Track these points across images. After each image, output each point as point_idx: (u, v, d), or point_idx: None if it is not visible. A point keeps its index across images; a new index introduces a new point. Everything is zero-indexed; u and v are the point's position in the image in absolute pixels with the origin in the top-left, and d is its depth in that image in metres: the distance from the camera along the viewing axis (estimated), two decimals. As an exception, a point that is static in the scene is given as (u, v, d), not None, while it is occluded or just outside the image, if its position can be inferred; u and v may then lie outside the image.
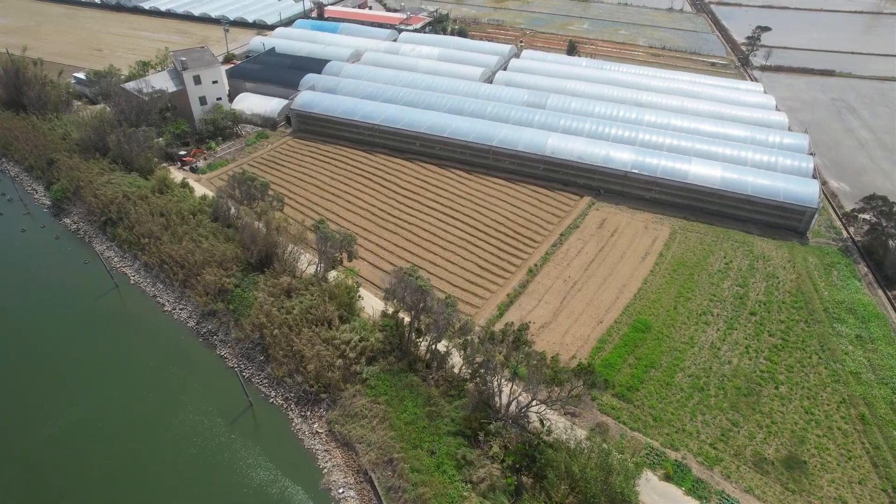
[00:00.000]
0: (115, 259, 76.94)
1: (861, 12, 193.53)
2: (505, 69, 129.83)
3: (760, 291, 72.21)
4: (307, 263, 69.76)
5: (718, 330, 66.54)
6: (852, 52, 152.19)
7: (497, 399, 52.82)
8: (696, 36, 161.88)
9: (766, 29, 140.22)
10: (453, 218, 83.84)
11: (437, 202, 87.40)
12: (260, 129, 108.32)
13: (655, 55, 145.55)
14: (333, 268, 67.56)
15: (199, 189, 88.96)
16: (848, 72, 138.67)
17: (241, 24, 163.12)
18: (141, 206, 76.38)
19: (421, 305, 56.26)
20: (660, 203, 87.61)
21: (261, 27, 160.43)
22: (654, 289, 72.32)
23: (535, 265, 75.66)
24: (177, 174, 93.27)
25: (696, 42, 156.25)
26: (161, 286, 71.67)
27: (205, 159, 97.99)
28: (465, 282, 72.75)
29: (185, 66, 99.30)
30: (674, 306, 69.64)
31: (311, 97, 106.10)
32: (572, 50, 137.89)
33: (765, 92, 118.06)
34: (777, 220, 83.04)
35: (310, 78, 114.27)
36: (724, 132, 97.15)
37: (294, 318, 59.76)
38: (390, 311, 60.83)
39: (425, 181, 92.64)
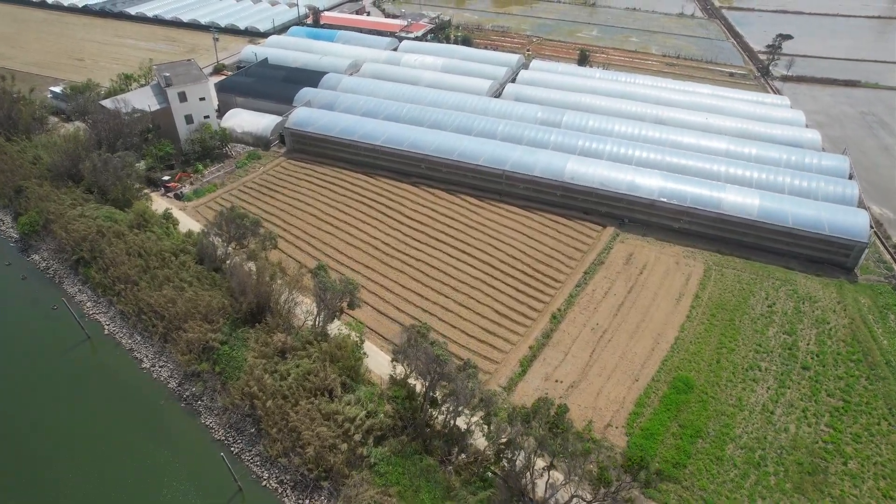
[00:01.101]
0: (89, 304, 68.66)
1: (878, 17, 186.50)
2: (514, 81, 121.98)
3: (811, 340, 64.58)
4: (305, 313, 61.68)
5: (769, 388, 58.88)
6: (874, 61, 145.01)
7: (530, 492, 44.97)
8: (710, 43, 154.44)
9: (788, 37, 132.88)
10: (465, 253, 75.91)
11: (446, 234, 79.45)
12: (252, 148, 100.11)
13: (670, 64, 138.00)
14: (335, 318, 59.51)
15: (185, 220, 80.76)
16: (874, 82, 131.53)
17: (232, 31, 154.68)
18: (116, 245, 68.14)
19: (437, 372, 48.35)
20: (690, 234, 79.95)
21: (253, 34, 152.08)
22: (693, 338, 64.62)
23: (559, 310, 67.82)
24: (160, 202, 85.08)
25: (711, 50, 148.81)
26: (139, 338, 63.46)
27: (191, 184, 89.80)
28: (481, 331, 64.86)
29: (170, 83, 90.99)
30: (716, 359, 61.97)
31: (307, 114, 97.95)
32: (584, 60, 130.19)
33: (791, 106, 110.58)
34: (821, 255, 75.49)
35: (305, 92, 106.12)
36: (756, 154, 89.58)
37: (290, 385, 51.73)
38: (400, 375, 52.89)
39: (432, 209, 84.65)
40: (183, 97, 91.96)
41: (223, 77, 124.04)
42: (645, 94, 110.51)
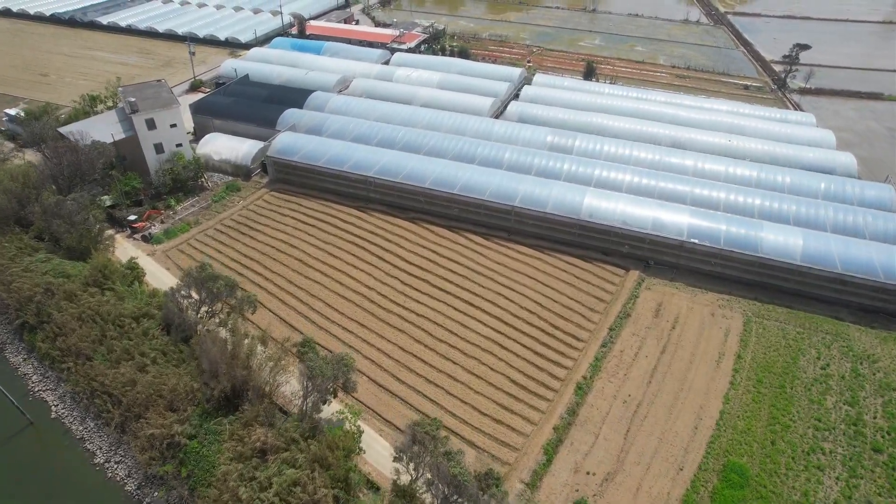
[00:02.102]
0: (34, 378, 58.63)
1: (889, 22, 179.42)
2: (517, 97, 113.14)
3: (877, 412, 55.98)
4: (291, 394, 52.11)
5: (838, 479, 50.14)
6: (894, 71, 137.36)
7: None
8: (719, 53, 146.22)
9: (805, 47, 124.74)
10: (473, 306, 66.61)
11: (450, 281, 70.12)
12: (230, 178, 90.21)
13: (681, 76, 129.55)
14: (326, 402, 49.98)
15: (153, 269, 70.90)
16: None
17: (211, 42, 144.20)
18: (67, 309, 58.13)
19: (454, 491, 39.07)
20: (724, 278, 71.17)
21: (234, 46, 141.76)
22: (741, 411, 55.79)
23: (585, 378, 58.72)
24: (124, 246, 75.15)
25: (721, 60, 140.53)
26: (92, 425, 53.58)
27: (162, 222, 79.84)
28: (496, 407, 55.60)
29: (136, 109, 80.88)
30: (770, 440, 53.17)
31: (292, 140, 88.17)
32: (590, 73, 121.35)
33: (817, 125, 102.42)
34: (874, 303, 66.95)
35: (290, 114, 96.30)
36: (790, 183, 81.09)
37: (271, 501, 42.12)
38: (404, 482, 43.59)
39: (433, 251, 75.26)
40: (151, 124, 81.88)
41: (201, 94, 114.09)
42: (659, 113, 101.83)
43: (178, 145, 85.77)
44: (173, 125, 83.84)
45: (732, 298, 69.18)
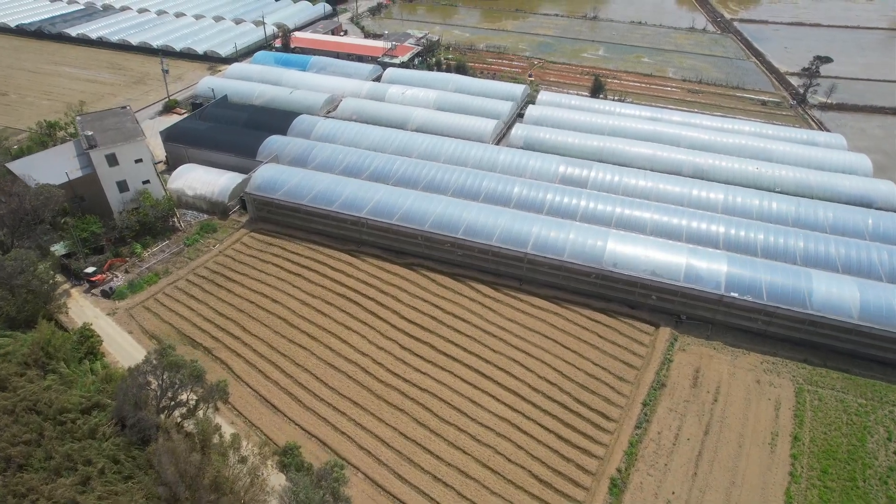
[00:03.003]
0: (-38, 484, 48.78)
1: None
2: (521, 117, 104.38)
3: (966, 511, 47.44)
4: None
5: None
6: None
7: None
8: (730, 64, 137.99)
9: (827, 60, 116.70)
10: (483, 376, 57.54)
11: (455, 343, 60.99)
12: (206, 217, 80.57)
13: (693, 91, 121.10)
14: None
15: (112, 333, 61.46)
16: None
17: (188, 56, 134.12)
18: (-1, 401, 48.28)
19: None
20: (769, 336, 62.51)
21: (213, 60, 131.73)
22: (808, 512, 47.08)
23: (620, 471, 49.81)
24: (81, 304, 65.54)
25: (733, 72, 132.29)
26: (26, 553, 43.80)
27: (126, 272, 70.21)
28: (518, 514, 46.54)
29: (94, 143, 71.11)
30: (848, 552, 44.46)
31: (274, 174, 78.63)
32: (598, 89, 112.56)
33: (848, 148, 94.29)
34: (943, 367, 58.60)
35: (272, 142, 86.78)
36: (833, 219, 72.70)
37: None
38: None
39: (435, 304, 66.08)
40: (112, 160, 72.13)
41: (176, 116, 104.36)
42: (678, 136, 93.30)
43: (146, 182, 76.09)
44: (138, 160, 74.07)
45: (779, 361, 60.51)
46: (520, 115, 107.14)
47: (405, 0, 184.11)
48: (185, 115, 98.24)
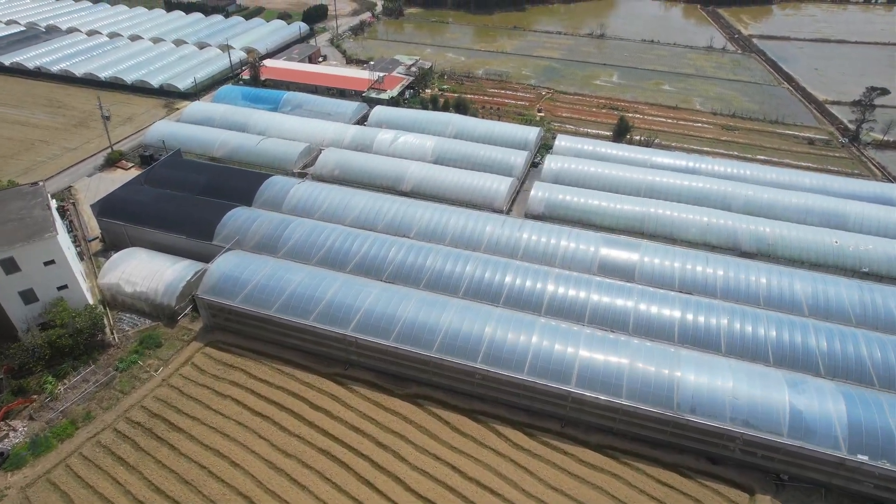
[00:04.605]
0: None
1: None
2: (535, 165, 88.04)
3: None
4: None
5: None
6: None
7: None
8: (761, 91, 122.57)
9: (884, 91, 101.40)
10: None
11: (484, 534, 43.87)
12: (149, 323, 62.61)
13: (728, 128, 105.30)
14: None
15: (-4, 538, 43.34)
16: None
17: (142, 90, 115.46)
18: None
19: None
20: (902, 506, 46.35)
21: (170, 95, 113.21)
22: None
23: None
24: (-40, 481, 47.22)
25: (767, 101, 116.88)
26: None
27: (31, 418, 52.24)
28: None
29: (-14, 247, 52.87)
30: None
31: (234, 267, 60.97)
32: (624, 131, 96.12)
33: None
34: None
35: (235, 218, 69.12)
36: (955, 326, 56.71)
37: None
38: None
39: (451, 464, 48.93)
40: (11, 266, 54.00)
41: (121, 172, 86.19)
42: (729, 195, 77.63)
43: (62, 288, 57.91)
44: (49, 262, 55.89)
45: (927, 550, 44.30)
46: (534, 164, 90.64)
47: (390, 17, 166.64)
48: (128, 180, 79.49)
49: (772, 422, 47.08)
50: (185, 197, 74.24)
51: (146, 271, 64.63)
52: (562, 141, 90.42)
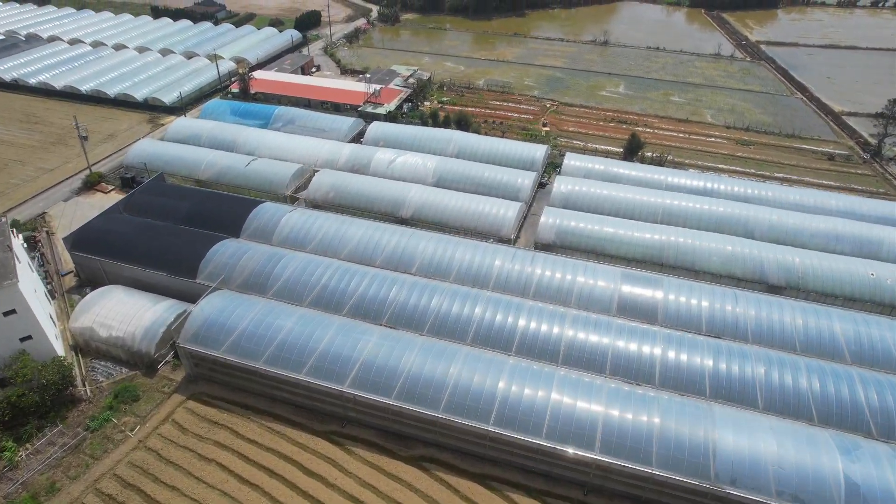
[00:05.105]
0: None
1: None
2: (543, 186, 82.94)
3: None
4: None
5: None
6: None
7: None
8: (774, 102, 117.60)
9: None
10: None
11: None
12: (126, 372, 56.86)
13: (742, 143, 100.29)
14: None
15: None
16: None
17: (125, 104, 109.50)
18: None
19: None
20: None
21: (155, 110, 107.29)
22: None
23: None
24: None
25: (781, 113, 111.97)
26: None
27: (-10, 490, 46.29)
28: None
29: (-63, 298, 47.02)
30: None
31: (218, 310, 55.34)
32: (635, 148, 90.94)
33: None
34: None
35: (221, 253, 63.44)
36: None
37: None
38: None
39: (464, 542, 43.46)
40: (-33, 320, 48.15)
41: (100, 195, 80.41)
42: (751, 220, 72.60)
43: (25, 339, 52.08)
44: (9, 312, 50.09)
45: None
46: (541, 185, 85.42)
47: (386, 24, 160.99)
48: (106, 208, 73.36)
49: (824, 497, 41.77)
50: (167, 227, 68.49)
51: (123, 313, 58.86)
52: (571, 160, 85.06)
